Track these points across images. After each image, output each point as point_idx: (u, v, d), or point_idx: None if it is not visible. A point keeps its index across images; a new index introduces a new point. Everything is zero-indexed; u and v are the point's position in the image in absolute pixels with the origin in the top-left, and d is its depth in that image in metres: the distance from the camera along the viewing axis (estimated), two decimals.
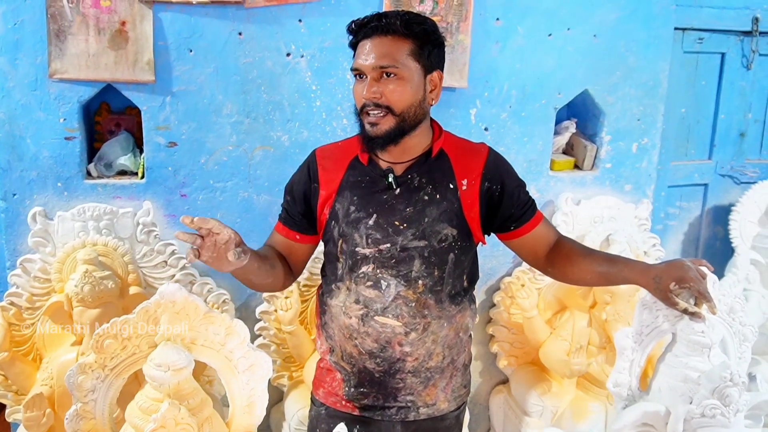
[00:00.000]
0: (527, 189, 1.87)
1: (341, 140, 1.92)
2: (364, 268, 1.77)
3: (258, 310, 2.54)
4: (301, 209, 1.83)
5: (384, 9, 2.48)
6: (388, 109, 1.66)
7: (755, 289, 3.15)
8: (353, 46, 1.73)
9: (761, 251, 3.20)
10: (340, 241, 1.79)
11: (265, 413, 1.52)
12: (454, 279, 1.81)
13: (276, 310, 2.49)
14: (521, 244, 1.89)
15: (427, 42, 1.69)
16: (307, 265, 1.98)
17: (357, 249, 1.76)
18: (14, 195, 2.39)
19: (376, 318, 1.77)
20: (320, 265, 1.93)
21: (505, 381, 3.08)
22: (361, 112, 1.71)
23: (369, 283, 1.77)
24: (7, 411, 2.27)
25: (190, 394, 1.33)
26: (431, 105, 1.76)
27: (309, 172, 1.84)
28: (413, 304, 1.76)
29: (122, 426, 1.38)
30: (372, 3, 2.52)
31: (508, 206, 1.81)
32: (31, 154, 2.38)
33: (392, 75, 1.64)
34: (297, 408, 2.42)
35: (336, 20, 2.49)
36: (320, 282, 1.94)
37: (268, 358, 1.39)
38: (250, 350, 1.39)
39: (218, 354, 1.39)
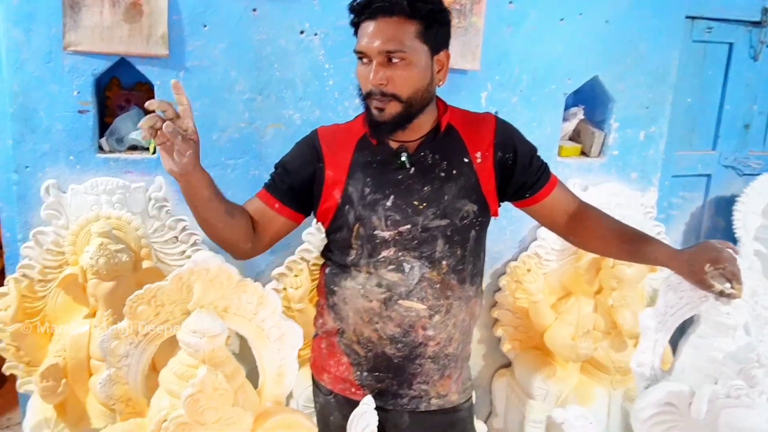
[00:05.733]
0: (539, 154, 1.85)
1: (343, 122, 1.87)
2: (384, 252, 1.72)
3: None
4: (291, 182, 1.76)
5: None
6: (394, 96, 1.61)
7: (758, 280, 3.18)
8: (355, 25, 1.66)
9: (764, 242, 3.23)
10: (357, 225, 1.73)
11: (294, 383, 1.52)
12: (474, 257, 1.81)
13: (285, 288, 2.49)
14: (538, 210, 1.86)
15: (434, 22, 1.62)
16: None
17: (376, 232, 1.71)
18: (27, 167, 2.37)
19: (400, 302, 1.73)
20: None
21: (507, 365, 3.10)
22: (366, 97, 1.66)
23: (391, 267, 1.72)
24: (18, 382, 2.27)
25: (223, 362, 1.33)
26: (438, 86, 1.71)
27: (312, 150, 1.77)
28: (438, 286, 1.74)
29: (155, 391, 1.39)
30: None
31: (521, 173, 1.78)
32: (44, 127, 2.36)
33: (399, 60, 1.58)
34: (305, 386, 2.43)
35: None
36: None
37: (299, 328, 1.40)
38: (282, 320, 1.39)
39: (250, 323, 1.39)
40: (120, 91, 2.62)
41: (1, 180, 2.43)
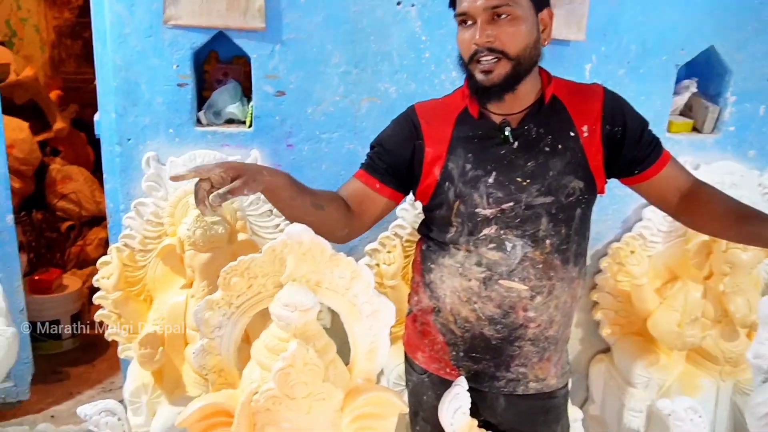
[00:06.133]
0: (650, 128, 1.73)
1: (440, 97, 1.81)
2: (486, 230, 1.67)
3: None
4: (390, 160, 1.72)
5: None
6: (503, 54, 1.54)
7: None
8: None
9: None
10: (457, 202, 1.68)
11: (386, 361, 1.49)
12: (579, 237, 1.72)
13: (378, 264, 2.46)
14: (648, 188, 1.75)
15: None
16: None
17: (477, 210, 1.66)
18: (129, 140, 2.42)
19: (500, 282, 1.67)
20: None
21: (606, 350, 2.97)
22: (470, 62, 1.59)
23: (492, 245, 1.66)
24: (119, 348, 2.34)
25: (315, 336, 1.31)
26: (544, 45, 1.63)
27: (410, 127, 1.73)
28: (540, 266, 1.67)
29: (246, 364, 1.38)
30: None
31: (631, 148, 1.68)
32: (145, 100, 2.41)
33: (505, 15, 1.52)
34: (396, 363, 2.40)
35: None
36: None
37: (392, 304, 1.36)
38: (374, 296, 1.35)
39: (342, 298, 1.36)
40: (218, 64, 2.65)
41: (105, 152, 2.51)
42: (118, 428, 1.63)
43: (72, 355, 3.74)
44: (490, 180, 1.65)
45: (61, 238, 4.45)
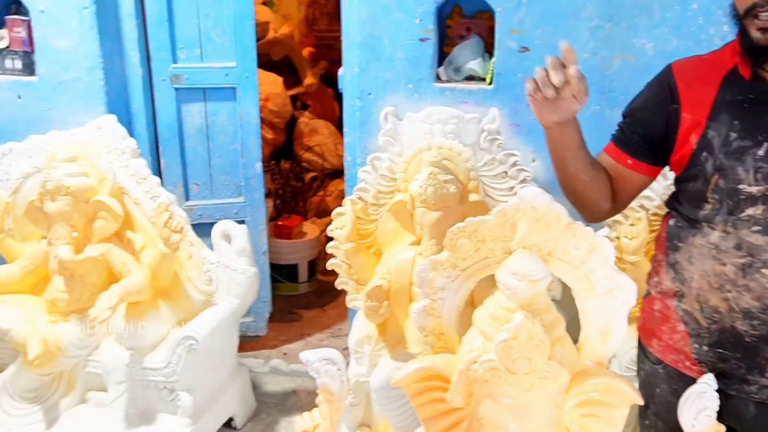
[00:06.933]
0: None
1: (704, 54, 1.58)
2: (749, 210, 1.42)
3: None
4: (643, 131, 1.55)
5: None
6: None
7: None
8: None
9: None
10: (715, 176, 1.45)
11: (620, 345, 1.35)
12: None
13: (619, 237, 2.27)
14: None
15: None
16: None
17: (740, 186, 1.42)
18: (369, 94, 2.46)
19: (762, 270, 1.43)
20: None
21: None
22: (746, 15, 1.36)
23: (756, 228, 1.42)
24: (347, 297, 2.41)
25: (543, 309, 1.21)
26: None
27: (666, 90, 1.52)
28: None
29: (467, 329, 1.32)
30: None
31: None
32: (387, 55, 2.42)
33: None
34: (631, 345, 2.21)
35: None
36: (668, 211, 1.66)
37: (633, 284, 1.21)
38: (614, 272, 1.22)
39: (576, 271, 1.24)
40: (461, 19, 2.58)
41: (346, 106, 2.57)
42: (336, 377, 1.67)
43: (306, 298, 3.99)
44: (761, 152, 1.41)
45: (304, 187, 4.74)
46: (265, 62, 4.69)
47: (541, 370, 1.21)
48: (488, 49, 2.50)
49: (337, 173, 4.86)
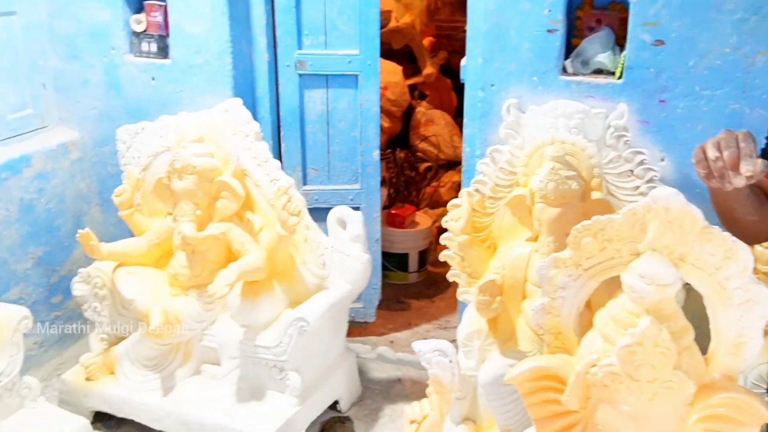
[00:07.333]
0: None
1: None
2: None
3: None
4: None
5: None
6: None
7: None
8: None
9: None
10: None
11: (755, 359, 1.26)
12: None
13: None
14: None
15: None
16: None
17: None
18: (492, 86, 2.41)
19: None
20: None
21: None
22: None
23: None
24: (459, 290, 2.39)
25: (671, 316, 1.15)
26: None
27: None
28: None
29: (587, 331, 1.27)
30: None
31: None
32: (512, 46, 2.37)
33: None
34: (760, 361, 2.07)
35: None
36: None
37: None
38: (751, 282, 1.14)
39: (710, 278, 1.17)
40: (592, 10, 2.48)
41: (468, 97, 2.53)
42: (447, 369, 1.65)
43: (415, 288, 3.99)
44: None
45: (418, 177, 4.74)
46: (386, 51, 4.69)
47: (666, 379, 1.14)
48: (619, 42, 2.40)
49: (452, 164, 4.82)
